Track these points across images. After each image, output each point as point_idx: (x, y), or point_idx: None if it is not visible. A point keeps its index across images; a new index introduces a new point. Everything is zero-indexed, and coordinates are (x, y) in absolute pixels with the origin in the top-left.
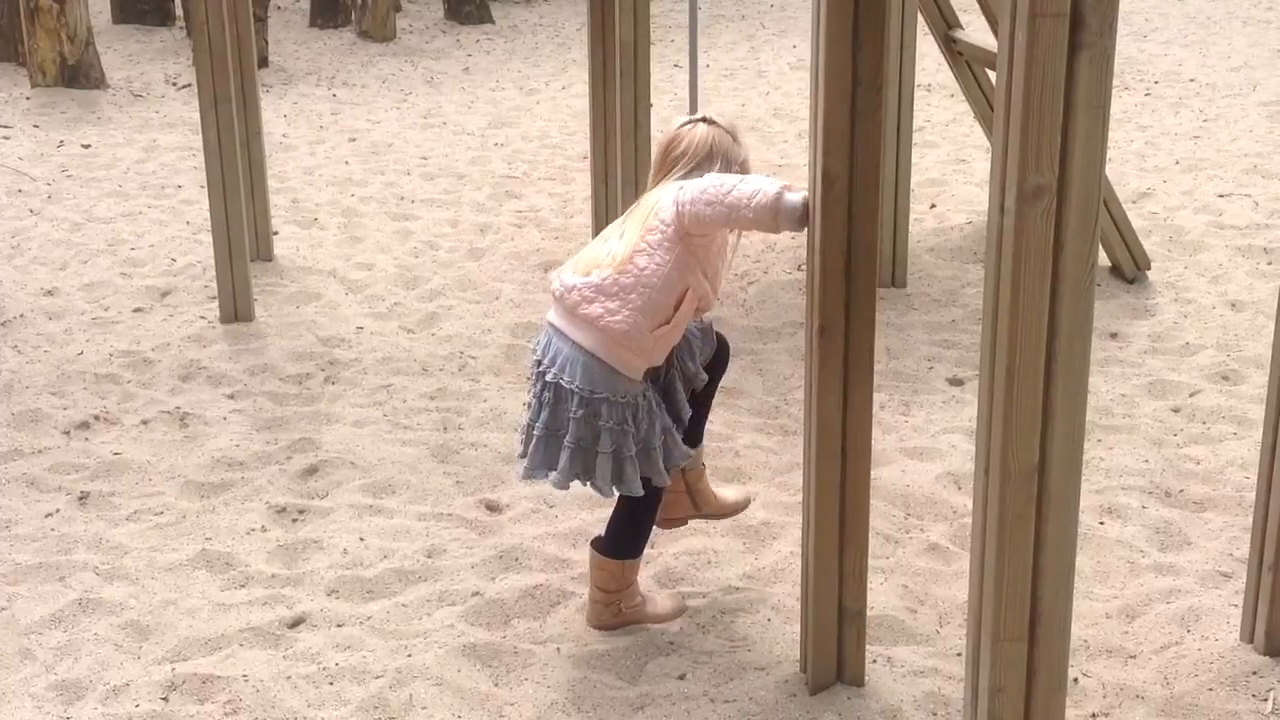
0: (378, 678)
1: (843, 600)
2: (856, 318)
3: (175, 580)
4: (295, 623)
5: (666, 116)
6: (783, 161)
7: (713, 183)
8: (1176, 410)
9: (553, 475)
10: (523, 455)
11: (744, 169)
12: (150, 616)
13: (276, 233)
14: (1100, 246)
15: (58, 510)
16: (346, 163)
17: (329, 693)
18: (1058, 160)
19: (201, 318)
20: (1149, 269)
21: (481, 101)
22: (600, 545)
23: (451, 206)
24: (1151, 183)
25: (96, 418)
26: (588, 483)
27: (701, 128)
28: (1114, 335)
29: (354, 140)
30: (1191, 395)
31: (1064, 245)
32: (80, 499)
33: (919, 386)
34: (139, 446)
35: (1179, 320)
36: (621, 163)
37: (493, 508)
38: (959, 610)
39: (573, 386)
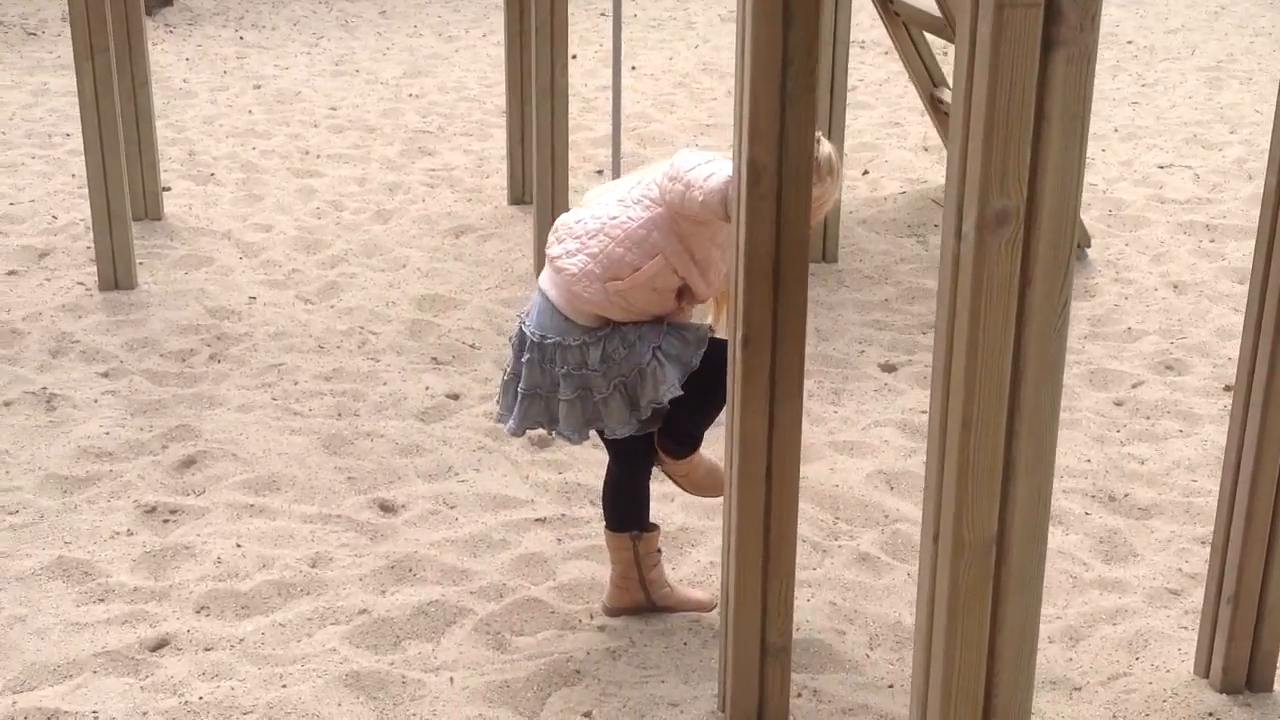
0: (246, 714)
1: (766, 636)
2: (785, 327)
3: (25, 593)
4: (158, 645)
5: (591, 69)
6: (711, 120)
7: (684, 158)
8: (1119, 403)
9: (509, 423)
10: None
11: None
12: None
13: (168, 189)
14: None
15: None
16: (250, 112)
17: None
18: (1026, 180)
19: (80, 284)
20: (1089, 246)
21: (397, 48)
22: (607, 524)
23: (360, 163)
24: (1090, 151)
25: None
26: (552, 432)
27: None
28: None
29: (259, 87)
30: (1134, 386)
31: (1032, 280)
32: None
33: (849, 373)
34: None
35: (1120, 303)
36: (538, 122)
37: (387, 508)
38: (890, 631)
39: (527, 330)
